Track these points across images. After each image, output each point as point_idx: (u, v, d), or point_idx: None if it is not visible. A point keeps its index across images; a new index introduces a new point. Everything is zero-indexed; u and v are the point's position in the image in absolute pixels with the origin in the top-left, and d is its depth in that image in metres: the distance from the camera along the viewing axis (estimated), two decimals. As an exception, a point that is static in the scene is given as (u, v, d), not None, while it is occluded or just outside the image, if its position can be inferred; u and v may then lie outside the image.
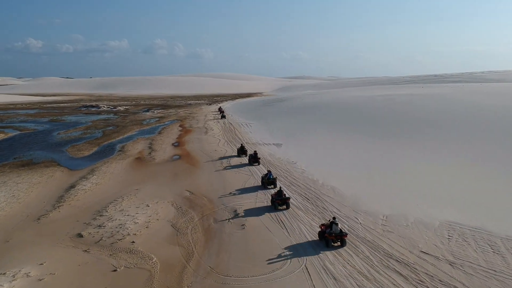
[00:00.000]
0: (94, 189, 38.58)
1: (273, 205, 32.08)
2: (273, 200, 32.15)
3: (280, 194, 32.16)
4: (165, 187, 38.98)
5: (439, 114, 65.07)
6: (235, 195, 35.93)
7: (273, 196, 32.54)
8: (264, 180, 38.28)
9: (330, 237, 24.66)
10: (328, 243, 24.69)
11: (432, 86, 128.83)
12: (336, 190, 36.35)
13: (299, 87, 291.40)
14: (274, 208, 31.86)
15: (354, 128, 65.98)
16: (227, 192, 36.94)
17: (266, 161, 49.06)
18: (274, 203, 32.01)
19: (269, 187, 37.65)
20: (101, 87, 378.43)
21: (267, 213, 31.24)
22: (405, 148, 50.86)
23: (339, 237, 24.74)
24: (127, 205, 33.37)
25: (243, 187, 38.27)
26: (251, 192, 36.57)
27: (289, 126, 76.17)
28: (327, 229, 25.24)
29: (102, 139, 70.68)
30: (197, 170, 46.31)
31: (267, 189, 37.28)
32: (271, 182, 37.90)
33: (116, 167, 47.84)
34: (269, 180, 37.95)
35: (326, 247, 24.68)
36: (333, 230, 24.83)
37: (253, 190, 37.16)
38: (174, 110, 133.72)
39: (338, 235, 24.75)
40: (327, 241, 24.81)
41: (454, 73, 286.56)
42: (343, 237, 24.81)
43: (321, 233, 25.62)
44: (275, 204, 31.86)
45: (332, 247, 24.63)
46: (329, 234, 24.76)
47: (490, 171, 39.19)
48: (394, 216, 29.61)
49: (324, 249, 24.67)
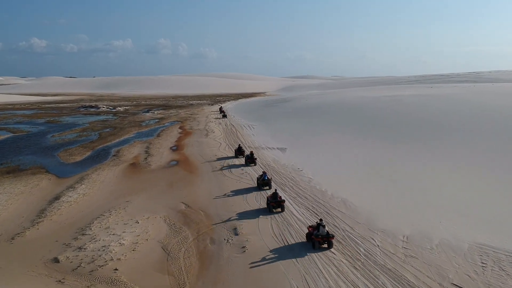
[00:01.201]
0: (81, 201, 35.03)
1: (268, 207, 31.44)
2: (268, 203, 31.51)
3: (275, 197, 31.57)
4: (158, 199, 35.44)
5: (452, 116, 61.18)
6: (236, 209, 32.35)
7: (268, 198, 31.90)
8: (259, 181, 38.00)
9: (317, 239, 24.67)
10: (315, 244, 24.70)
11: (441, 86, 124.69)
12: (348, 203, 32.72)
13: (303, 87, 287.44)
14: (268, 210, 31.23)
15: (361, 131, 62.24)
16: (227, 205, 33.42)
17: (270, 168, 45.51)
18: (269, 205, 31.42)
19: (264, 188, 37.30)
20: (104, 86, 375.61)
21: (271, 231, 27.70)
22: (417, 153, 47.11)
23: (325, 239, 24.73)
24: (114, 221, 29.82)
25: (245, 199, 34.67)
26: (254, 206, 32.99)
27: (294, 128, 72.51)
28: (314, 230, 25.19)
29: (97, 143, 67.21)
30: (195, 178, 42.76)
31: (262, 190, 36.96)
32: (265, 183, 37.62)
33: (107, 175, 44.32)
34: (263, 181, 37.68)
35: (313, 249, 24.62)
36: (319, 232, 24.79)
37: (255, 203, 33.57)
38: (175, 111, 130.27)
39: (325, 237, 24.74)
40: (313, 243, 24.81)
41: (461, 72, 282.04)
42: (329, 239, 24.80)
43: (309, 235, 25.65)
44: (269, 207, 31.27)
45: (319, 248, 24.61)
46: (315, 236, 24.77)
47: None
48: (415, 236, 25.96)
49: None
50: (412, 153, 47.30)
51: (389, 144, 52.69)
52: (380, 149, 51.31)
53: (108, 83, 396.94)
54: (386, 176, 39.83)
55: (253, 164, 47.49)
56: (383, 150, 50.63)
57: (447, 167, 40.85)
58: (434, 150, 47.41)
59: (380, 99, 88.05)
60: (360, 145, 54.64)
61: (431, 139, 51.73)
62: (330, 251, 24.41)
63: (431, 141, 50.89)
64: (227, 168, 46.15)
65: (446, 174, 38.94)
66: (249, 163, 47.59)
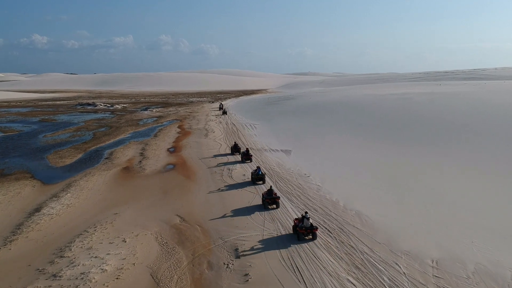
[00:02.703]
0: (63, 214, 31.27)
1: (263, 204, 31.74)
2: (263, 199, 31.79)
3: (270, 193, 31.69)
4: (150, 211, 31.71)
5: (469, 116, 57.30)
6: (237, 223, 28.65)
7: (264, 195, 32.17)
8: (253, 176, 38.60)
9: (301, 231, 25.56)
10: (299, 236, 25.62)
11: (449, 83, 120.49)
12: (363, 217, 29.00)
13: (305, 84, 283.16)
14: (263, 207, 31.51)
15: (370, 132, 58.46)
16: (227, 218, 29.72)
17: (274, 173, 41.78)
18: (264, 202, 31.70)
19: (258, 182, 38.09)
20: (104, 83, 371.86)
21: (278, 251, 24.01)
22: (434, 157, 43.39)
23: (309, 231, 25.57)
24: (99, 240, 26.10)
25: (247, 212, 30.94)
26: (257, 220, 29.27)
27: (298, 128, 68.75)
28: (299, 223, 26.00)
29: (90, 144, 63.45)
30: (192, 185, 39.06)
31: (256, 184, 37.73)
32: (259, 178, 38.26)
33: (97, 181, 40.59)
34: (257, 176, 38.27)
35: (298, 240, 25.47)
36: (303, 224, 25.61)
37: (259, 217, 29.84)
38: (174, 109, 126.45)
39: (309, 228, 25.57)
40: (298, 235, 25.69)
41: (466, 69, 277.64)
42: (313, 230, 25.61)
43: (294, 227, 26.37)
44: (264, 203, 31.56)
45: (303, 240, 25.53)
46: (300, 228, 25.62)
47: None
48: (446, 261, 22.24)
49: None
50: (428, 157, 43.57)
51: (402, 147, 48.98)
52: (392, 152, 47.61)
53: (108, 79, 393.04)
54: (402, 184, 36.09)
55: (249, 160, 47.71)
56: (395, 153, 46.94)
57: (470, 174, 37.10)
58: (453, 154, 43.66)
59: (388, 97, 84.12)
60: (369, 147, 50.93)
61: (448, 142, 47.98)
62: (348, 281, 20.69)
63: (448, 144, 47.15)
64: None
65: (471, 182, 35.18)
66: (245, 159, 47.92)
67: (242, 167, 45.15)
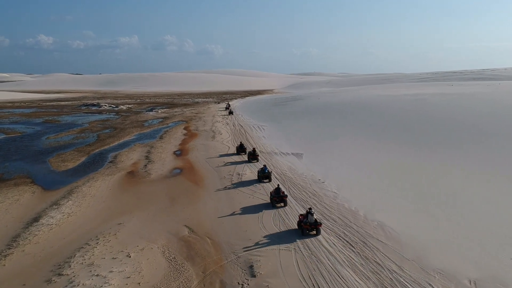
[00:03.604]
0: (64, 224, 29.19)
1: (271, 202, 32.23)
2: (271, 198, 32.35)
3: (278, 192, 32.20)
4: (157, 221, 29.58)
5: (488, 118, 54.84)
6: (250, 235, 26.47)
7: (271, 193, 32.72)
8: (259, 174, 39.27)
9: (305, 226, 26.14)
10: (303, 231, 26.18)
11: (462, 84, 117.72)
12: (386, 229, 26.75)
13: (311, 84, 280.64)
14: (271, 205, 31.92)
15: (386, 135, 56.13)
16: (239, 229, 27.55)
17: (286, 179, 39.62)
18: (272, 200, 32.22)
19: (264, 181, 38.88)
20: (109, 83, 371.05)
21: (297, 269, 21.79)
22: (456, 162, 41.05)
23: (313, 226, 26.08)
24: (101, 254, 23.98)
25: (260, 221, 28.76)
26: (271, 230, 27.09)
27: (308, 131, 66.52)
28: (304, 218, 26.52)
29: (94, 146, 61.45)
30: (201, 191, 36.93)
31: (263, 182, 38.54)
32: (266, 176, 38.99)
33: (100, 187, 38.52)
34: (264, 173, 38.97)
35: (302, 235, 26.02)
36: (308, 220, 26.15)
37: (273, 227, 27.65)
38: (179, 110, 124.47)
39: (313, 224, 26.05)
40: (302, 230, 26.30)
41: (474, 69, 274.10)
42: (317, 226, 26.09)
43: (299, 223, 26.97)
44: (272, 202, 32.09)
45: (307, 235, 26.04)
46: (304, 224, 26.18)
47: None
48: (486, 282, 19.97)
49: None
50: (448, 161, 41.25)
51: (419, 150, 46.65)
52: (409, 156, 45.30)
53: (113, 80, 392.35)
54: (424, 190, 33.80)
55: (256, 160, 47.64)
56: (413, 157, 44.64)
57: (497, 180, 34.72)
58: (475, 158, 41.31)
59: (401, 98, 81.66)
60: (385, 150, 48.65)
61: (469, 145, 45.62)
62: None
63: (469, 147, 44.78)
64: (237, 178, 40.38)
65: (498, 189, 32.81)
66: (252, 159, 47.93)
67: (252, 171, 43.00)
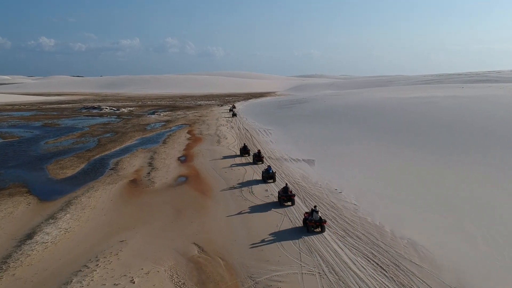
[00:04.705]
0: (60, 242, 26.52)
1: (279, 201, 32.75)
2: (279, 197, 32.88)
3: (286, 191, 32.73)
4: (162, 237, 26.91)
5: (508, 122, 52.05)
6: (267, 255, 23.78)
7: (280, 192, 33.15)
8: (264, 175, 39.82)
9: (310, 224, 26.67)
10: (309, 228, 26.71)
11: (473, 86, 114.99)
12: (418, 248, 24.03)
13: (314, 86, 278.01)
14: (279, 204, 32.49)
15: (400, 140, 53.35)
16: (254, 248, 24.86)
17: (299, 188, 36.95)
18: (279, 199, 32.72)
19: (269, 181, 39.39)
20: (110, 86, 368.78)
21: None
22: (481, 169, 38.29)
23: (318, 224, 26.65)
24: (101, 279, 21.29)
25: (277, 239, 26.08)
26: (291, 251, 24.37)
27: (317, 135, 63.83)
28: (309, 216, 27.13)
29: (94, 151, 58.82)
30: (209, 202, 34.27)
31: (267, 183, 39.08)
32: (270, 177, 39.51)
33: (100, 197, 35.87)
34: (268, 174, 39.52)
35: (307, 232, 26.59)
36: (313, 217, 26.72)
37: (293, 247, 24.95)
38: (182, 112, 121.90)
39: (318, 221, 26.61)
40: (307, 227, 26.79)
41: (479, 71, 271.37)
42: (322, 223, 26.65)
43: (304, 220, 27.54)
44: (280, 201, 32.64)
45: (313, 232, 26.60)
46: (309, 221, 26.73)
47: None
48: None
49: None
50: (474, 170, 38.45)
51: (438, 156, 43.87)
52: (428, 162, 42.59)
53: (115, 82, 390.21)
54: (453, 202, 31.04)
55: (261, 162, 47.74)
56: (433, 163, 41.91)
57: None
58: (501, 164, 38.55)
59: (411, 101, 78.93)
60: (401, 157, 45.95)
61: (490, 150, 42.84)
62: None
63: (496, 155, 41.98)
64: (247, 188, 37.75)
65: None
66: (257, 161, 47.91)
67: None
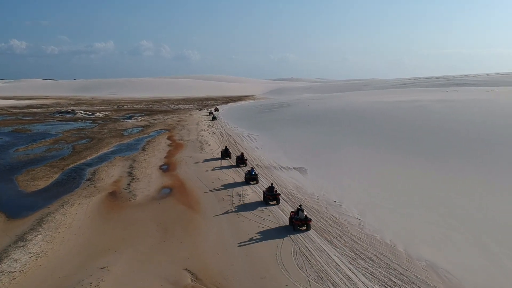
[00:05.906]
0: (31, 270, 22.96)
1: (264, 200, 33.43)
2: (265, 196, 33.46)
3: (271, 190, 33.34)
4: (149, 262, 23.65)
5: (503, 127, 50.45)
6: (272, 283, 20.86)
7: (265, 192, 33.70)
8: (247, 177, 40.11)
9: (296, 222, 27.28)
10: (294, 227, 27.31)
11: (457, 90, 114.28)
12: (440, 272, 21.51)
13: (292, 90, 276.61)
14: (265, 203, 33.14)
15: (392, 145, 51.05)
16: (255, 274, 21.91)
17: (296, 201, 34.11)
18: (265, 198, 33.37)
19: (252, 182, 39.62)
20: (84, 89, 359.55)
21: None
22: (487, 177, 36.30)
23: (304, 222, 27.21)
24: (80, 320, 17.98)
25: (280, 261, 23.18)
26: (297, 277, 21.48)
27: (305, 140, 61.20)
28: (295, 215, 27.56)
29: (69, 160, 54.77)
30: (198, 218, 31.15)
31: (250, 184, 39.26)
32: (253, 178, 39.79)
33: (77, 214, 32.27)
34: (251, 176, 39.84)
35: (293, 231, 27.06)
36: (298, 216, 27.27)
37: (298, 272, 22.06)
38: (160, 117, 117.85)
39: (303, 220, 27.17)
40: (293, 226, 27.37)
41: (457, 75, 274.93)
42: (307, 222, 27.21)
43: (290, 219, 27.96)
44: (266, 200, 33.24)
45: (298, 230, 27.13)
46: (295, 220, 27.28)
47: None
48: None
49: None
50: (479, 178, 36.37)
51: (441, 165, 41.46)
52: (428, 169, 40.52)
53: (89, 85, 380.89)
54: (468, 217, 28.73)
55: (244, 165, 47.62)
56: (434, 170, 39.89)
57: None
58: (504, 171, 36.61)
59: (399, 105, 77.17)
60: (397, 164, 43.71)
61: (492, 156, 40.97)
62: None
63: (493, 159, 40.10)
64: (237, 199, 34.76)
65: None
66: (240, 164, 47.80)
67: (254, 191, 37.39)
